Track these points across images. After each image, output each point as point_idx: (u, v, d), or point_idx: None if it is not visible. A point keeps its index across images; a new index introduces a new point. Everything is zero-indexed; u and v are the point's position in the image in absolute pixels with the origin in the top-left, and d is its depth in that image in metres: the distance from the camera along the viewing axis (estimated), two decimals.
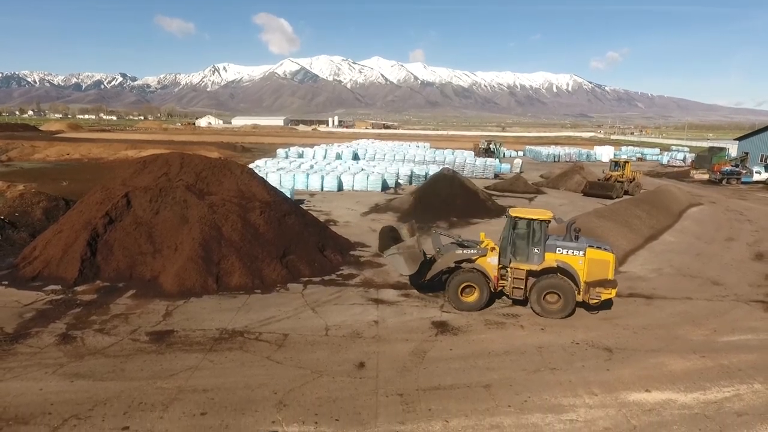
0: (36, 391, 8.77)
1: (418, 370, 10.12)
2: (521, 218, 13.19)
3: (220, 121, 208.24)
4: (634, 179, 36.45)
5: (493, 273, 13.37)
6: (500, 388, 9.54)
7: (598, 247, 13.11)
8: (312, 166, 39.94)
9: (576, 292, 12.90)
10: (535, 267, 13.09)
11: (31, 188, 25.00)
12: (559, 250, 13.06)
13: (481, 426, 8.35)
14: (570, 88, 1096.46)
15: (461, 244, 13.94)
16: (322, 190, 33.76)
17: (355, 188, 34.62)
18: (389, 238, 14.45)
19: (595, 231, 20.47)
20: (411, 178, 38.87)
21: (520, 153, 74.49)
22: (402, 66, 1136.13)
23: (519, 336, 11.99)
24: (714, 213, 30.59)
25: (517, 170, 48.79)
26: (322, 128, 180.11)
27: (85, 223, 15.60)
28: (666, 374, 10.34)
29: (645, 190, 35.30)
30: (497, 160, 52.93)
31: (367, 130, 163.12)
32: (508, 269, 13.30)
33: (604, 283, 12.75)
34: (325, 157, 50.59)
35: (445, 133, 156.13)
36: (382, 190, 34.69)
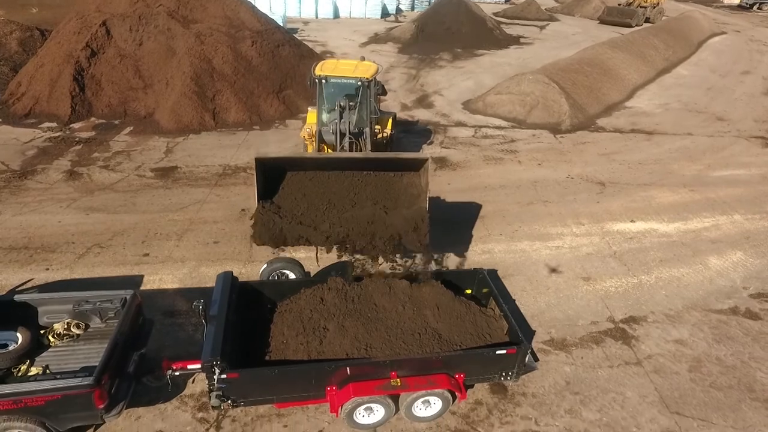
0: (55, 223, 9.29)
1: None
2: (361, 79, 9.72)
3: None
4: (658, 4, 33.25)
5: None
6: (493, 219, 10.09)
7: None
8: None
9: None
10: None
11: None
12: None
13: (473, 251, 9.06)
14: None
15: None
16: (316, 17, 31.07)
17: (352, 15, 31.95)
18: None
19: (606, 63, 19.45)
20: (413, 2, 35.88)
21: None
22: None
23: (516, 171, 12.25)
24: (735, 43, 28.68)
25: None
26: None
27: (66, 55, 14.67)
28: (653, 206, 10.86)
29: (667, 17, 32.49)
30: None
31: None
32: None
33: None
34: None
35: None
36: (381, 17, 32.15)
